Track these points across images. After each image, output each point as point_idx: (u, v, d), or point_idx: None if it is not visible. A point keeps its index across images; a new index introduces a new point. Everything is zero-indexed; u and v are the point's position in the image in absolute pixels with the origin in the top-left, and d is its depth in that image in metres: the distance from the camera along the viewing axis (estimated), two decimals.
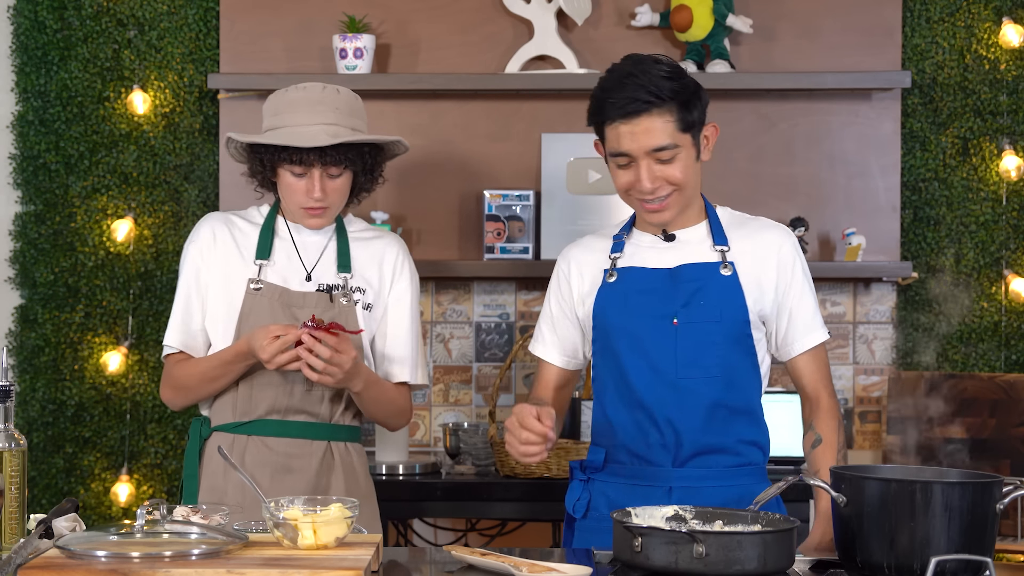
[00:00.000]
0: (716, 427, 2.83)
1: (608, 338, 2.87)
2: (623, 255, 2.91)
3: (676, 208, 2.84)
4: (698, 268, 2.85)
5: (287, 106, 3.09)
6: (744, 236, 2.89)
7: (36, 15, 4.39)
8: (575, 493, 2.95)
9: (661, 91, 2.75)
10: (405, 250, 3.26)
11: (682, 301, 2.83)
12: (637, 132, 2.77)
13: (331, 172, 3.08)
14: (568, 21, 4.31)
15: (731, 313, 2.83)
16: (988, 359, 4.32)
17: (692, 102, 2.78)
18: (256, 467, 3.07)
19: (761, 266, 2.87)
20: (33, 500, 4.33)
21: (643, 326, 2.83)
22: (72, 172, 4.40)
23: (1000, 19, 4.30)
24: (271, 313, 3.08)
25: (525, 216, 4.30)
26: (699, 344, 2.81)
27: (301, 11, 4.38)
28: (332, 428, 3.13)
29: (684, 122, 2.77)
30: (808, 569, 2.53)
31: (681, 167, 2.79)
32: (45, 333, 4.40)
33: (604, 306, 2.88)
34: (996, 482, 2.45)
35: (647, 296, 2.84)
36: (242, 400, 3.10)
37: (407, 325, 3.22)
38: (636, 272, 2.88)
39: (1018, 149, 4.31)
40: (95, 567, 2.22)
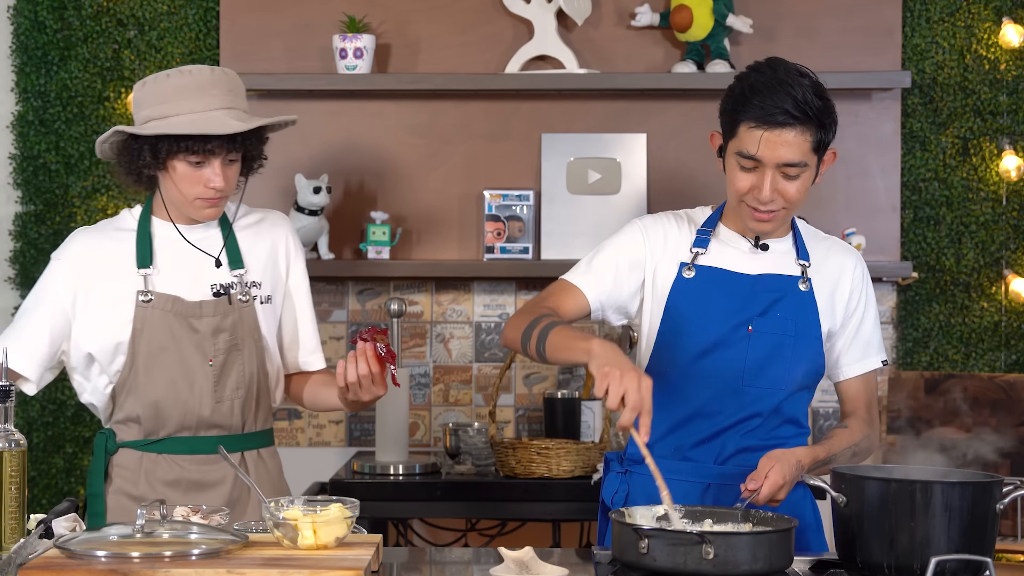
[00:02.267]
0: (764, 432, 2.84)
1: (677, 334, 2.85)
2: (706, 252, 2.87)
3: (779, 223, 2.83)
4: (779, 279, 2.85)
5: (175, 92, 2.88)
6: (821, 254, 2.90)
7: (36, 15, 4.38)
8: (613, 485, 2.91)
9: (810, 108, 2.72)
10: (291, 226, 3.13)
11: (759, 309, 2.83)
12: (777, 142, 2.72)
13: (229, 158, 2.90)
14: (568, 21, 4.31)
15: (805, 328, 2.83)
16: (988, 359, 4.32)
17: (829, 122, 2.77)
18: (168, 486, 2.94)
19: (835, 287, 2.88)
20: (33, 500, 4.33)
21: (717, 329, 2.82)
22: (72, 172, 4.40)
23: (1000, 19, 4.30)
24: (167, 326, 2.92)
25: (525, 216, 4.30)
26: (769, 354, 2.82)
27: (301, 11, 4.37)
28: (245, 438, 3.00)
29: (817, 144, 2.75)
30: (808, 569, 2.53)
31: (801, 186, 2.77)
32: None
33: (679, 302, 2.84)
34: (996, 482, 2.45)
35: (726, 299, 2.83)
36: (147, 420, 2.95)
37: (309, 312, 3.12)
38: (717, 273, 2.85)
39: (1018, 149, 4.31)
40: (95, 567, 2.22)
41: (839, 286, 2.88)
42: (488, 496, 3.90)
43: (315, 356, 3.14)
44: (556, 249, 4.30)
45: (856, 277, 2.90)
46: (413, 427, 4.43)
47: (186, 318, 2.94)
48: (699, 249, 2.87)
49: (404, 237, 4.35)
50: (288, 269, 3.09)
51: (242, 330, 2.98)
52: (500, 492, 3.90)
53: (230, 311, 2.96)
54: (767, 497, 2.62)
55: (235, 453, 2.96)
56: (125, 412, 2.98)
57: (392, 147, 4.33)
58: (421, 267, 4.25)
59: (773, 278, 2.85)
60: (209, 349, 2.94)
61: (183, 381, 2.94)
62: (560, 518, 4.04)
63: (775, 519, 2.49)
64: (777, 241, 2.88)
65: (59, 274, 2.99)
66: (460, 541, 4.34)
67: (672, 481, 2.57)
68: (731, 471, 2.81)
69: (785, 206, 2.78)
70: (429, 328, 4.42)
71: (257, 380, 3.00)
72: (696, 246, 2.87)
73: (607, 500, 2.92)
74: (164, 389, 2.94)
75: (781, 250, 2.88)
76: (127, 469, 2.99)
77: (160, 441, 2.97)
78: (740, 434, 2.83)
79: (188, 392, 2.94)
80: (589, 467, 3.89)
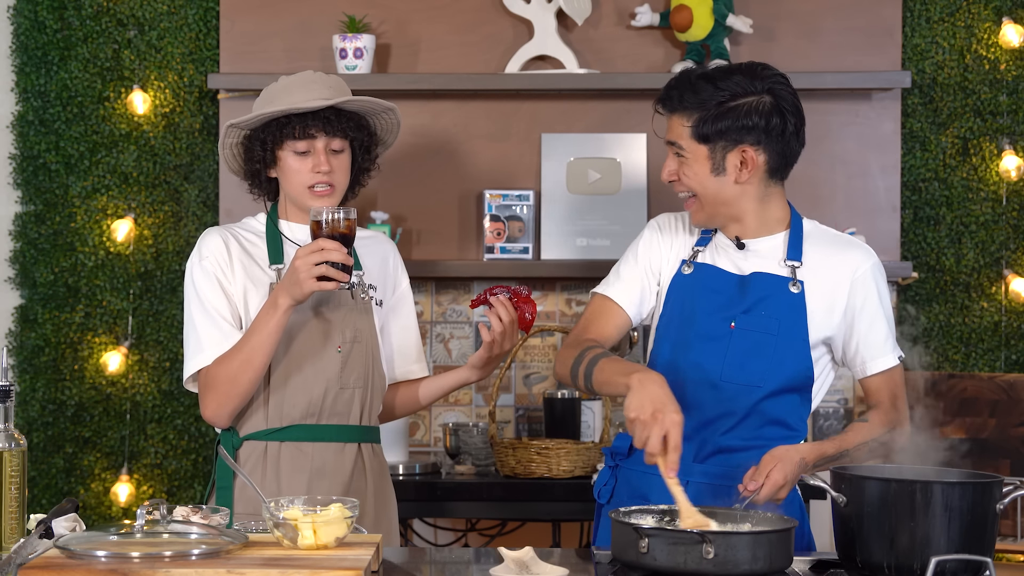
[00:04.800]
0: (744, 432, 2.84)
1: (667, 327, 2.90)
2: (704, 251, 2.92)
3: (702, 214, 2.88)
4: (767, 279, 2.85)
5: (281, 90, 3.08)
6: (822, 253, 2.88)
7: (36, 15, 4.39)
8: (602, 479, 2.97)
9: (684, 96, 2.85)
10: (394, 245, 3.31)
11: (744, 307, 2.84)
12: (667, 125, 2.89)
13: (333, 147, 3.06)
14: (568, 21, 4.31)
15: (789, 329, 2.82)
16: (988, 359, 4.32)
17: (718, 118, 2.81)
18: (292, 473, 3.03)
19: (833, 286, 2.86)
20: (33, 500, 4.33)
21: (700, 324, 2.85)
22: (72, 172, 4.40)
23: (1000, 19, 4.30)
24: (299, 317, 3.03)
25: (525, 216, 4.30)
26: (749, 351, 2.82)
27: (301, 11, 4.38)
28: (362, 430, 3.10)
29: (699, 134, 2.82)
30: (808, 569, 2.53)
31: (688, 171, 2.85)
32: (45, 333, 4.40)
33: (675, 296, 2.90)
34: (996, 482, 2.45)
35: (713, 296, 2.86)
36: (274, 407, 3.04)
37: (415, 323, 3.27)
38: (710, 270, 2.89)
39: (1018, 149, 4.31)
40: (95, 567, 2.22)
41: (838, 285, 2.86)
42: (488, 496, 3.91)
43: (420, 364, 3.27)
44: (556, 249, 4.31)
45: (863, 275, 2.86)
46: (413, 427, 4.43)
47: (316, 308, 3.05)
48: (700, 248, 2.92)
49: (404, 237, 4.35)
50: (396, 282, 3.24)
51: (362, 324, 3.09)
52: (500, 492, 3.90)
53: (354, 305, 3.09)
54: (767, 497, 2.62)
55: (352, 443, 3.09)
56: (254, 401, 3.06)
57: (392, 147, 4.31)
58: (421, 267, 4.25)
59: (761, 277, 2.85)
60: (338, 337, 3.06)
61: (312, 368, 3.04)
62: (560, 518, 4.04)
63: (775, 519, 2.49)
64: (758, 240, 2.89)
65: (210, 271, 3.06)
66: (460, 541, 4.34)
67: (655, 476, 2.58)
68: (712, 470, 2.82)
69: (691, 195, 2.87)
70: (429, 328, 4.42)
71: (373, 375, 3.11)
72: (698, 244, 2.93)
73: (595, 493, 2.98)
74: (294, 376, 3.04)
75: (764, 249, 2.89)
76: (252, 461, 3.06)
77: (283, 430, 3.05)
78: (719, 432, 2.83)
79: (316, 378, 3.04)
80: (589, 467, 3.89)
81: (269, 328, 2.93)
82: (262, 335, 2.94)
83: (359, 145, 3.13)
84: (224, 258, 3.06)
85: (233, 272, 3.06)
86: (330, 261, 2.85)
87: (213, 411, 3.01)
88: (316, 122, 3.03)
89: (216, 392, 2.99)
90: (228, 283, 3.05)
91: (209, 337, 3.01)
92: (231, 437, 3.07)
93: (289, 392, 3.04)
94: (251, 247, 3.11)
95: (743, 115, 2.80)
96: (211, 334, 3.02)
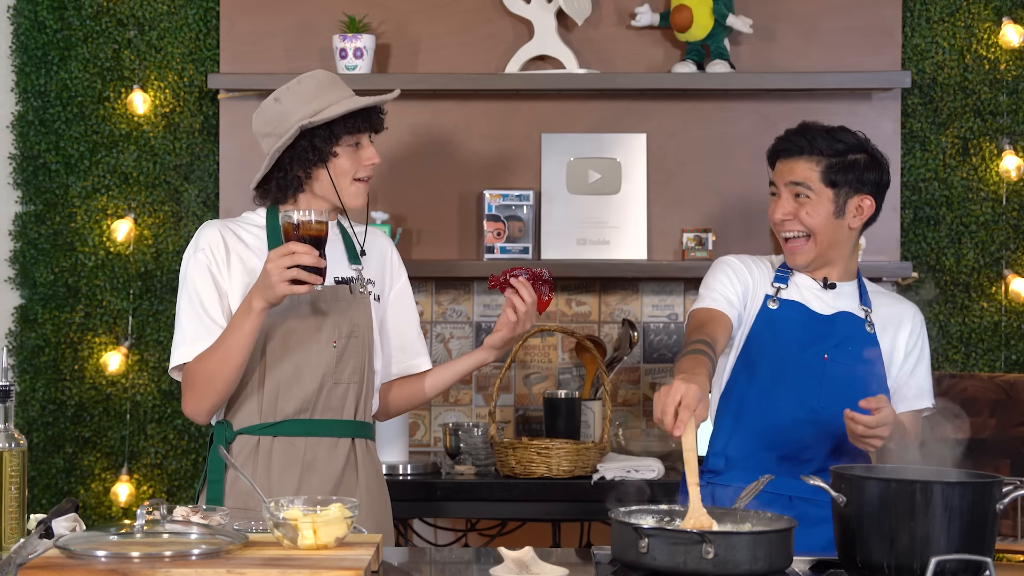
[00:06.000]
0: (837, 455, 3.03)
1: (755, 362, 3.06)
2: (787, 288, 3.12)
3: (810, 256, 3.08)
4: (851, 318, 3.09)
5: (317, 89, 3.11)
6: (881, 302, 3.16)
7: (36, 15, 4.39)
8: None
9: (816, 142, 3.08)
10: (391, 241, 3.33)
11: (834, 342, 3.05)
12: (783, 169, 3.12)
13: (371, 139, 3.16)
14: (568, 21, 4.31)
15: (871, 363, 3.04)
16: (988, 359, 4.32)
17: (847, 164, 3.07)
18: (283, 468, 3.05)
19: (896, 331, 3.12)
20: (33, 500, 4.33)
21: (794, 358, 3.04)
22: (72, 172, 4.40)
23: (1000, 19, 4.30)
24: (296, 311, 3.05)
25: (525, 216, 4.30)
26: (844, 381, 3.01)
27: (301, 11, 4.38)
28: (356, 426, 3.12)
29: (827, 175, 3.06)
30: (808, 569, 2.53)
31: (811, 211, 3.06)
32: (45, 333, 4.40)
33: (762, 330, 3.07)
34: (996, 482, 2.45)
35: (804, 332, 3.06)
36: (268, 402, 3.06)
37: (415, 318, 3.29)
38: (798, 307, 3.10)
39: (1018, 149, 4.31)
40: (95, 567, 2.22)
41: (900, 330, 3.13)
42: (488, 496, 3.90)
43: (423, 358, 3.29)
44: (556, 249, 4.31)
45: (916, 326, 3.14)
46: (413, 427, 4.43)
47: (314, 303, 3.07)
48: (780, 284, 3.11)
49: (404, 237, 4.35)
50: (394, 278, 3.26)
51: (359, 318, 3.10)
52: (500, 492, 3.90)
53: (352, 300, 3.10)
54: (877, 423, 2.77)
55: (346, 439, 3.10)
56: (247, 395, 3.07)
57: (392, 147, 4.32)
58: (421, 267, 4.25)
59: (846, 316, 3.09)
60: (333, 332, 3.07)
61: (307, 363, 3.05)
62: (560, 518, 4.04)
63: (774, 519, 2.49)
64: (843, 284, 3.12)
65: (203, 264, 3.07)
66: (460, 541, 4.34)
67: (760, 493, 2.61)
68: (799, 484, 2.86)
69: (803, 235, 3.05)
70: (429, 328, 4.42)
71: (368, 370, 3.12)
72: (778, 281, 3.12)
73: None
74: (289, 370, 3.05)
75: (847, 292, 3.12)
76: (243, 455, 3.07)
77: (276, 424, 3.06)
78: (820, 457, 3.02)
79: (311, 373, 3.05)
80: (589, 467, 3.89)
81: (244, 330, 2.94)
82: (237, 336, 2.95)
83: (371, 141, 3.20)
84: (220, 251, 3.07)
85: (229, 266, 3.07)
86: (301, 264, 2.84)
87: (192, 408, 3.05)
88: (372, 116, 3.12)
89: (194, 390, 3.03)
90: (222, 277, 3.06)
91: (193, 331, 3.04)
92: (224, 430, 3.09)
93: (283, 386, 3.05)
94: (252, 239, 3.11)
95: (865, 168, 3.07)
96: (195, 328, 3.04)
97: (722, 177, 4.30)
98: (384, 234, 3.31)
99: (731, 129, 4.33)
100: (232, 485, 3.06)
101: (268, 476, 3.03)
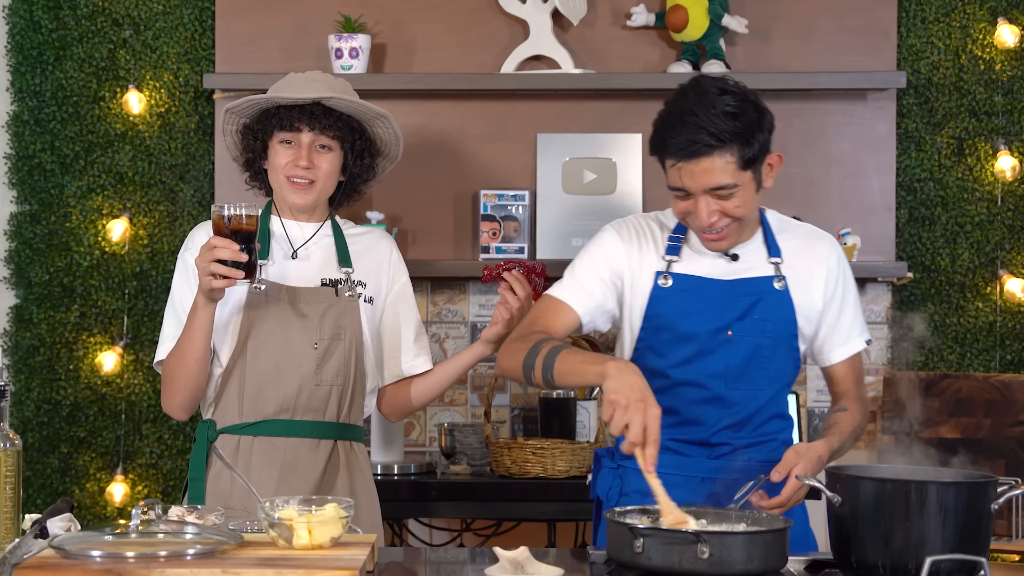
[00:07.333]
0: (752, 430, 2.88)
1: (658, 342, 2.87)
2: (679, 259, 2.88)
3: (734, 237, 2.84)
4: (755, 282, 2.87)
5: (283, 84, 3.18)
6: (794, 246, 2.91)
7: (31, 15, 4.38)
8: (607, 481, 2.92)
9: (722, 133, 2.70)
10: (394, 243, 3.32)
11: (737, 313, 2.85)
12: (696, 172, 2.73)
13: (320, 143, 3.10)
14: (563, 21, 4.31)
15: (782, 327, 2.87)
16: (983, 359, 4.33)
17: (754, 137, 2.74)
18: (263, 468, 3.06)
19: (809, 276, 2.90)
20: (28, 500, 4.32)
21: (697, 336, 2.84)
22: (67, 172, 4.40)
23: (995, 19, 4.30)
24: (277, 312, 3.07)
25: (520, 216, 4.30)
26: (749, 358, 2.85)
27: (297, 11, 4.38)
28: (339, 427, 3.12)
29: (745, 160, 2.74)
30: (803, 569, 2.53)
31: (739, 202, 2.77)
32: (40, 333, 4.40)
33: (658, 311, 2.86)
34: (991, 482, 2.46)
35: (704, 306, 2.85)
36: (248, 401, 3.07)
37: (415, 320, 3.28)
38: (693, 281, 2.86)
39: (1013, 149, 4.31)
40: (90, 567, 2.22)
41: (814, 274, 2.90)
42: (483, 496, 3.90)
43: (421, 360, 3.26)
44: (551, 249, 4.31)
45: (831, 263, 2.91)
46: (408, 427, 4.43)
47: (296, 304, 3.08)
48: (672, 257, 2.88)
49: (400, 237, 4.35)
50: (392, 280, 3.26)
51: (345, 321, 3.10)
52: (495, 492, 3.90)
53: (337, 302, 3.11)
54: (790, 495, 2.63)
55: (328, 440, 3.10)
56: (229, 395, 3.09)
57: None
58: (416, 267, 4.24)
59: (749, 282, 2.87)
60: (315, 334, 3.08)
61: (286, 364, 3.06)
62: (555, 518, 4.04)
63: (770, 519, 2.50)
64: (745, 245, 2.89)
65: (188, 263, 3.11)
66: (455, 541, 4.34)
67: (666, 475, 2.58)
68: (724, 465, 2.85)
69: (731, 222, 2.79)
70: (425, 328, 4.42)
71: (354, 373, 3.12)
72: (669, 254, 2.89)
73: (602, 496, 2.93)
74: (268, 371, 3.06)
75: (751, 251, 2.89)
76: (225, 454, 3.08)
77: (257, 424, 3.08)
78: (730, 436, 2.87)
79: (290, 374, 3.06)
80: (584, 467, 3.89)
81: (193, 327, 2.99)
82: (188, 333, 3.00)
83: (350, 148, 3.15)
84: None
85: None
86: (219, 259, 2.85)
87: (165, 404, 3.12)
88: (303, 116, 3.09)
89: (164, 386, 3.10)
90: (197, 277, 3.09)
91: (171, 329, 3.11)
92: (207, 429, 3.11)
93: (263, 387, 3.07)
94: None
95: (761, 127, 2.77)
96: (172, 326, 3.11)
97: None
98: (387, 235, 3.32)
99: None
100: (213, 483, 3.08)
101: (247, 476, 3.03)
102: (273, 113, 3.12)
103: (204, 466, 3.09)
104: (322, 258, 3.16)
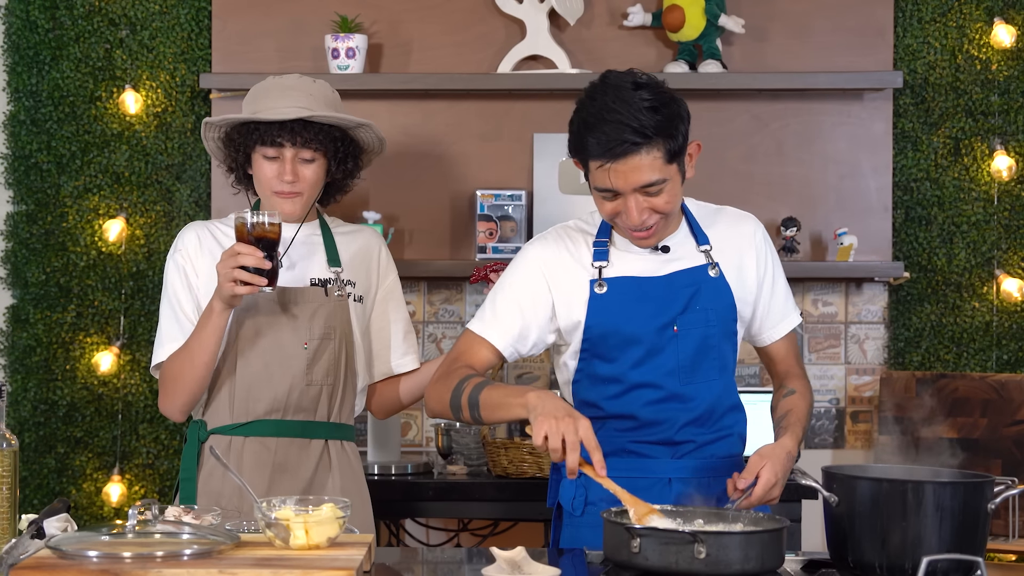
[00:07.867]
0: (712, 424, 2.86)
1: (605, 348, 2.82)
2: (609, 264, 2.83)
3: (663, 231, 2.81)
4: (690, 274, 2.83)
5: (262, 93, 3.13)
6: (719, 231, 2.89)
7: (28, 14, 4.38)
8: (570, 491, 2.88)
9: (646, 129, 2.65)
10: (383, 241, 3.31)
11: (679, 308, 2.81)
12: (625, 171, 2.68)
13: (303, 156, 3.09)
14: (560, 21, 4.31)
15: (723, 313, 2.84)
16: (980, 359, 4.33)
17: (677, 129, 2.70)
18: (254, 468, 3.05)
19: (740, 259, 2.88)
20: (24, 500, 4.32)
21: (644, 337, 2.80)
22: (64, 172, 4.39)
23: (992, 19, 4.31)
24: (267, 312, 3.07)
25: (517, 216, 4.30)
26: (698, 350, 2.81)
27: (293, 11, 4.37)
28: (330, 427, 3.12)
29: (670, 154, 2.70)
30: (800, 569, 2.53)
31: (668, 196, 2.73)
32: (37, 333, 4.40)
33: (599, 319, 2.80)
34: (987, 482, 2.46)
35: (645, 305, 2.81)
36: (239, 401, 3.07)
37: (404, 318, 3.27)
38: (629, 282, 2.82)
39: (1009, 149, 4.31)
40: (87, 567, 2.22)
41: (744, 256, 2.89)
42: (480, 496, 3.90)
43: (408, 358, 3.25)
44: None
45: (758, 242, 2.91)
46: (405, 427, 4.43)
47: (285, 304, 3.07)
48: (601, 263, 2.83)
49: (396, 237, 4.35)
50: (380, 278, 3.24)
51: (335, 320, 3.10)
52: (492, 492, 3.90)
53: (326, 302, 3.10)
54: (760, 498, 2.62)
55: (319, 440, 3.10)
56: (219, 395, 3.09)
57: None
58: (413, 267, 4.25)
59: (684, 273, 2.83)
60: (305, 334, 3.07)
61: (277, 364, 3.06)
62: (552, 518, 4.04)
63: (766, 519, 2.50)
64: (673, 237, 2.86)
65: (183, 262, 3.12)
66: (452, 541, 4.34)
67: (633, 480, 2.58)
68: (690, 463, 2.83)
69: (660, 217, 2.75)
70: (422, 328, 4.42)
71: (345, 372, 3.12)
72: (597, 260, 2.83)
73: (566, 505, 2.88)
74: (259, 371, 3.06)
75: (680, 242, 2.86)
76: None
77: (247, 424, 3.08)
78: (690, 434, 2.84)
79: (281, 374, 3.06)
80: None
81: (207, 331, 2.98)
82: (201, 337, 2.99)
83: (332, 156, 3.14)
84: (196, 252, 3.11)
85: (202, 266, 3.09)
86: (243, 266, 2.85)
87: (164, 406, 3.09)
88: (284, 132, 3.06)
89: (166, 388, 3.07)
90: (195, 277, 3.10)
91: (169, 331, 3.09)
92: (198, 430, 3.11)
93: (254, 387, 3.07)
94: (227, 241, 3.11)
95: (681, 118, 2.72)
96: (171, 328, 3.09)
97: (714, 177, 4.29)
98: (375, 233, 3.31)
99: (723, 129, 4.33)
100: (204, 483, 3.08)
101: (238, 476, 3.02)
102: (254, 128, 3.09)
103: (196, 466, 3.10)
104: (311, 258, 3.16)
